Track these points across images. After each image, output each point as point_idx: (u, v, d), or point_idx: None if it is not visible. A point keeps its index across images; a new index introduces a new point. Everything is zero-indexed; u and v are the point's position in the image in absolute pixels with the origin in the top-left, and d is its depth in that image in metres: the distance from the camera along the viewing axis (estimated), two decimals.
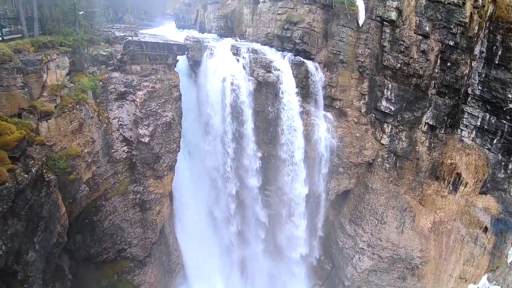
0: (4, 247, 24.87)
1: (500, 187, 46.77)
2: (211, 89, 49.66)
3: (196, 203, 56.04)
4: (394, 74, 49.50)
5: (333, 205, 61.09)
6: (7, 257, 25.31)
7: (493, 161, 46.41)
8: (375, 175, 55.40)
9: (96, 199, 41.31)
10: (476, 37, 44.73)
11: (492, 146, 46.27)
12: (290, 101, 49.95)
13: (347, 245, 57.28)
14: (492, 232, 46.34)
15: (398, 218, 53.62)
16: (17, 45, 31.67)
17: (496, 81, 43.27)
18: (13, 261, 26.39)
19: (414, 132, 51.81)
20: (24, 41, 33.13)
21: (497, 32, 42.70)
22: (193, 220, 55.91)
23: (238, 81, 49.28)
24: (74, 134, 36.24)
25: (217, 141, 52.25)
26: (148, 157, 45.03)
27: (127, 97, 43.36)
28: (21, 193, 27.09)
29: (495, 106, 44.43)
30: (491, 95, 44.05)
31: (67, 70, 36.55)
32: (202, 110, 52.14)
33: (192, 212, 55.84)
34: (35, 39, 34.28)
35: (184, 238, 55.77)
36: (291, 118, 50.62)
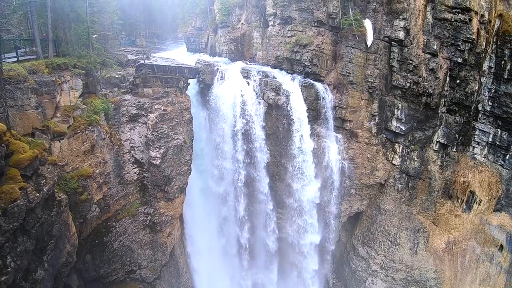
0: (13, 264, 24.77)
1: None
2: (222, 111, 50.17)
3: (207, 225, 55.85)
4: (403, 94, 49.49)
5: (345, 227, 60.20)
6: (15, 274, 25.19)
7: (506, 177, 45.49)
8: (387, 196, 54.65)
9: (106, 219, 41.43)
10: (484, 52, 44.72)
11: (505, 162, 45.46)
12: (300, 123, 50.17)
13: (359, 268, 56.07)
14: (508, 250, 45.03)
15: (412, 239, 52.47)
16: (32, 66, 32.43)
17: (506, 96, 42.86)
18: (22, 278, 26.27)
19: (426, 151, 51.29)
20: (39, 62, 33.98)
21: (504, 46, 42.59)
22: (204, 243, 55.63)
23: (248, 104, 49.85)
24: (86, 155, 36.69)
25: (227, 164, 52.35)
26: (159, 179, 45.23)
27: (139, 119, 44.01)
28: (32, 212, 27.21)
29: (506, 121, 43.89)
30: (502, 111, 43.59)
31: (80, 92, 37.33)
32: (213, 133, 52.46)
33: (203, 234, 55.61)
34: (49, 61, 35.17)
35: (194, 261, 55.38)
36: (302, 140, 50.67)
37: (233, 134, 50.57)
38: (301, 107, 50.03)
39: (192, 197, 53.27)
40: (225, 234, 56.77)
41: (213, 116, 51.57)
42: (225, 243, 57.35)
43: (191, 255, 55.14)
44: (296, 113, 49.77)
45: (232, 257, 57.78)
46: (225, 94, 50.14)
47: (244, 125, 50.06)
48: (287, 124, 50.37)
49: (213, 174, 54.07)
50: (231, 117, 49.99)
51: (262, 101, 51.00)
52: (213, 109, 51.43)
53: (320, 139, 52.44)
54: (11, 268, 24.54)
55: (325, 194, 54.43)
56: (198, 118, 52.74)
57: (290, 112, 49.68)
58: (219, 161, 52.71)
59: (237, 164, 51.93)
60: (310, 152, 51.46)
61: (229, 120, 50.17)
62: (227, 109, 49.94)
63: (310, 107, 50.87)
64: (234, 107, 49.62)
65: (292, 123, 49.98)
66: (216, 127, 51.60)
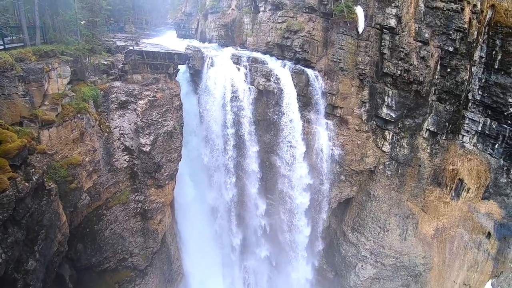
0: (4, 256, 24.56)
1: (502, 192, 46.57)
2: (212, 98, 49.81)
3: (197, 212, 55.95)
4: (394, 81, 49.62)
5: (335, 213, 60.81)
6: (7, 265, 25.01)
7: (495, 166, 46.25)
8: (377, 183, 55.20)
9: (97, 208, 41.12)
10: (475, 42, 44.93)
11: (493, 151, 46.19)
12: (290, 109, 50.02)
13: (349, 253, 56.87)
14: (496, 237, 46.08)
15: (401, 225, 53.29)
16: (19, 54, 31.69)
17: (496, 86, 43.29)
18: (13, 269, 26.10)
19: (416, 139, 51.77)
20: (26, 50, 33.21)
21: (496, 37, 42.86)
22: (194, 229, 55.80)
23: (238, 90, 49.50)
24: (75, 143, 36.18)
25: (217, 150, 52.22)
26: (149, 166, 44.94)
27: (128, 106, 43.40)
28: (22, 202, 26.92)
29: (496, 111, 44.43)
30: (492, 100, 44.05)
31: (69, 79, 36.61)
32: (203, 119, 52.15)
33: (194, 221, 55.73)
34: (36, 48, 34.39)
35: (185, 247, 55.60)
36: (292, 127, 50.60)
37: (223, 120, 50.28)
38: (292, 93, 49.79)
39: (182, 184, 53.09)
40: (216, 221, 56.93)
41: (203, 102, 51.15)
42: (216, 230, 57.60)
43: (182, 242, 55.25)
44: (286, 99, 49.58)
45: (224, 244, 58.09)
46: (215, 80, 49.66)
47: (234, 111, 49.75)
48: (278, 110, 50.17)
49: (203, 161, 53.91)
50: (221, 103, 49.61)
51: (252, 87, 50.70)
52: (203, 95, 50.98)
53: (311, 125, 52.53)
54: (2, 259, 24.39)
55: (315, 180, 54.73)
56: (188, 104, 52.27)
57: (281, 98, 49.47)
58: (209, 147, 52.47)
59: (227, 151, 51.78)
60: (300, 138, 51.49)
61: (219, 106, 49.80)
62: (217, 95, 49.53)
63: (300, 93, 50.70)
64: (224, 93, 49.23)
65: (283, 109, 49.81)
66: (206, 113, 51.23)
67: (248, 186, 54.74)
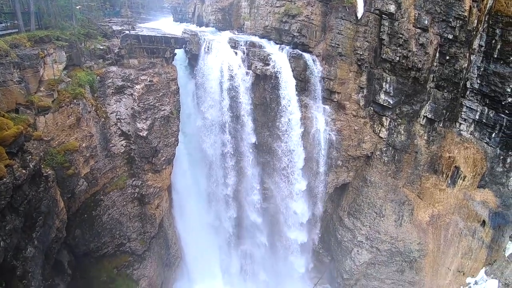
0: (2, 243, 24.67)
1: (498, 181, 46.91)
2: (209, 82, 49.46)
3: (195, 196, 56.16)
4: (392, 67, 49.39)
5: (331, 198, 61.20)
6: (5, 253, 25.16)
7: (491, 155, 46.44)
8: (374, 168, 55.45)
9: (94, 193, 41.18)
10: (475, 30, 44.54)
11: (490, 140, 46.28)
12: (288, 94, 49.80)
13: (345, 238, 57.46)
14: (490, 225, 46.57)
15: (397, 211, 53.75)
16: (14, 40, 31.40)
17: (495, 75, 43.11)
18: (12, 257, 26.30)
19: (413, 126, 51.82)
20: (21, 36, 32.88)
21: (496, 26, 42.46)
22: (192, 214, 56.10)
23: (236, 74, 49.13)
24: (72, 129, 36.05)
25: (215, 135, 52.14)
26: (146, 151, 44.88)
27: (125, 91, 43.10)
28: (19, 189, 26.93)
29: (493, 100, 44.34)
30: (490, 89, 43.94)
31: (64, 65, 36.35)
32: (200, 103, 51.93)
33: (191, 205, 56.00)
34: (31, 34, 34.01)
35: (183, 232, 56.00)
36: (289, 111, 50.45)
37: (220, 104, 50.01)
38: (289, 78, 49.54)
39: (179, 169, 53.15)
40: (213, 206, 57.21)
41: (200, 87, 50.81)
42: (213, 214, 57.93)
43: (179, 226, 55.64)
44: (284, 83, 49.31)
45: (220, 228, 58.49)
46: (212, 64, 49.18)
47: (232, 96, 49.52)
48: (275, 94, 49.95)
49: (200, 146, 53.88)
50: (218, 88, 49.29)
51: (249, 71, 50.28)
52: (200, 79, 50.58)
53: (308, 110, 52.43)
54: (1, 247, 24.52)
55: (312, 165, 54.95)
56: (185, 88, 51.96)
57: (278, 82, 49.20)
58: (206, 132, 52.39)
59: (224, 136, 51.70)
60: (297, 122, 51.47)
61: (216, 90, 49.50)
62: (214, 79, 49.15)
63: (298, 78, 50.48)
64: (221, 77, 48.83)
65: (280, 93, 49.60)
66: (203, 98, 50.95)
67: (246, 170, 54.77)
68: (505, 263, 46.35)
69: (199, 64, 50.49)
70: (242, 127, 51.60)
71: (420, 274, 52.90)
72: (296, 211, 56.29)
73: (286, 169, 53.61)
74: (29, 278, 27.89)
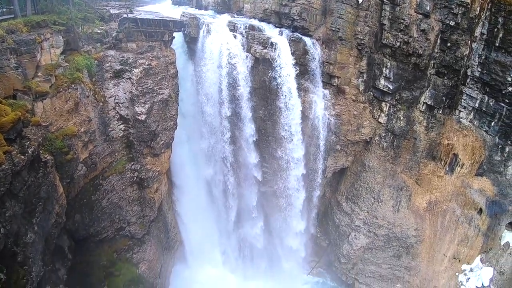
0: (3, 230, 24.77)
1: (496, 169, 47.03)
2: (208, 66, 49.07)
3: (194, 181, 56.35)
4: (393, 53, 49.05)
5: (330, 183, 61.50)
6: (6, 239, 25.26)
7: (490, 143, 46.45)
8: (372, 154, 55.57)
9: (93, 178, 41.31)
10: (477, 18, 43.87)
11: (489, 129, 46.22)
12: (287, 78, 49.53)
13: (343, 223, 57.98)
14: (487, 214, 46.90)
15: (394, 196, 54.10)
16: (10, 26, 31.12)
17: (496, 64, 42.71)
18: (13, 243, 26.38)
19: (412, 112, 51.68)
20: (17, 21, 32.59)
21: (498, 14, 41.77)
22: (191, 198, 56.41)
23: (235, 57, 48.71)
24: (70, 114, 35.99)
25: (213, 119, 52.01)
26: (144, 135, 44.86)
27: (123, 75, 42.85)
28: (18, 175, 26.98)
29: (494, 88, 44.06)
30: (491, 78, 43.60)
31: (62, 49, 36.06)
32: (199, 87, 51.64)
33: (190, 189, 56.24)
34: (28, 19, 33.69)
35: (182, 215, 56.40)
36: (289, 95, 50.25)
37: (219, 88, 49.71)
38: (289, 62, 49.21)
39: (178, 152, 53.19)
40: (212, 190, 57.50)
41: (199, 70, 50.43)
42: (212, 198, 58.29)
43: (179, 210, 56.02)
44: (283, 67, 48.97)
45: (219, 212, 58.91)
46: (211, 47, 48.72)
47: (231, 79, 49.21)
48: (274, 78, 49.57)
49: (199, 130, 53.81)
50: (217, 71, 48.93)
51: (249, 54, 49.86)
52: (199, 63, 50.18)
53: (307, 94, 52.30)
54: (1, 233, 24.60)
55: (311, 149, 55.04)
56: (184, 72, 51.54)
57: (277, 66, 48.80)
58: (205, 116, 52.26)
59: (223, 119, 51.57)
60: (296, 106, 51.32)
61: (215, 73, 49.16)
62: (213, 62, 48.76)
63: (297, 61, 50.16)
64: (220, 60, 48.43)
65: (279, 77, 49.24)
66: (202, 81, 50.64)
67: (244, 154, 54.86)
68: (501, 252, 46.88)
69: (198, 47, 50.03)
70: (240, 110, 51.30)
71: (417, 260, 53.57)
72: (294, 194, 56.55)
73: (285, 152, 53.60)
74: (30, 264, 28.06)
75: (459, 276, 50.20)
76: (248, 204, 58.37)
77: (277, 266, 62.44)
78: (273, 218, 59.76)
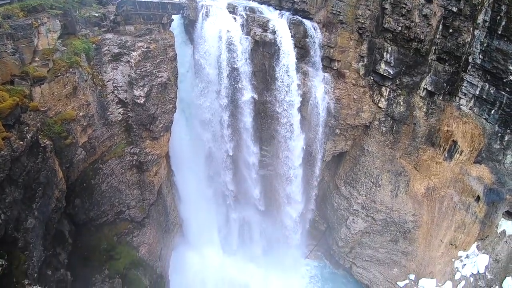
0: (3, 216, 24.95)
1: (494, 157, 47.24)
2: (207, 48, 48.68)
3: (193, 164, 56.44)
4: (394, 38, 48.66)
5: (328, 166, 61.74)
6: (6, 225, 25.47)
7: (489, 131, 46.50)
8: (372, 138, 55.60)
9: (93, 162, 41.30)
10: (480, 5, 43.43)
11: (489, 117, 46.28)
12: (287, 61, 49.34)
13: (341, 207, 58.41)
14: (484, 201, 47.31)
15: (393, 181, 54.37)
16: (6, 11, 30.71)
17: (497, 52, 42.44)
18: (13, 229, 26.59)
19: (412, 97, 51.54)
20: (13, 6, 32.07)
21: (502, 1, 41.35)
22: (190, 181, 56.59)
23: (234, 40, 48.30)
24: (69, 98, 35.77)
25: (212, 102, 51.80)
26: (143, 118, 44.70)
27: (122, 58, 42.37)
28: (17, 161, 27.06)
29: (495, 76, 43.91)
30: (492, 65, 43.37)
31: (59, 34, 35.55)
32: (197, 70, 51.27)
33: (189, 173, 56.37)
34: (24, 4, 33.11)
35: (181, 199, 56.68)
36: (288, 78, 50.14)
37: (218, 71, 49.45)
38: (289, 45, 48.92)
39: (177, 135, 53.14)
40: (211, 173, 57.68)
41: (198, 53, 50.01)
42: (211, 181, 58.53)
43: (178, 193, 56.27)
44: (283, 50, 48.72)
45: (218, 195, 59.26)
46: (210, 30, 48.22)
47: (230, 62, 48.88)
48: (274, 61, 49.42)
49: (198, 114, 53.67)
50: (216, 54, 48.55)
51: (248, 37, 49.39)
52: (198, 46, 49.72)
53: (307, 78, 52.17)
54: (2, 220, 24.79)
55: (310, 133, 55.04)
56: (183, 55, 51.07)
57: (277, 49, 48.59)
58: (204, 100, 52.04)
59: (222, 102, 51.46)
60: (296, 90, 51.27)
61: (214, 56, 48.79)
62: (213, 45, 48.33)
63: (298, 44, 49.86)
64: (219, 43, 48.01)
65: (279, 60, 49.11)
66: (201, 65, 50.28)
67: (243, 137, 55.02)
68: (497, 239, 47.52)
69: (197, 30, 49.51)
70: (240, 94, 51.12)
71: (414, 245, 54.28)
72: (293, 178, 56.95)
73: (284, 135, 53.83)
74: (31, 249, 28.35)
75: (455, 262, 51.12)
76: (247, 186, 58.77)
77: (276, 249, 63.17)
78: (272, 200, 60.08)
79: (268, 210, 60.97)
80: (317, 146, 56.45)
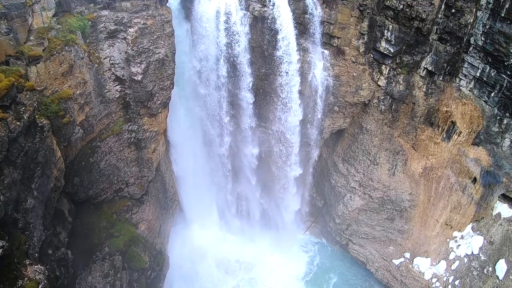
0: (2, 197, 25.19)
1: (493, 140, 47.26)
2: (205, 24, 47.98)
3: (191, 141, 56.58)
4: (395, 16, 47.77)
5: (327, 144, 61.86)
6: (6, 206, 25.81)
7: (488, 114, 46.36)
8: (370, 116, 55.40)
9: (91, 140, 41.42)
10: None
11: (489, 99, 46.03)
12: (286, 37, 48.76)
13: (339, 184, 58.83)
14: (481, 183, 47.66)
15: (391, 160, 54.55)
16: None
17: (500, 34, 41.80)
18: (13, 209, 27.01)
19: (412, 76, 51.01)
20: None
21: None
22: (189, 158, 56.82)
23: (233, 15, 47.62)
24: (65, 77, 35.67)
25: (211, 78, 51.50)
26: (141, 95, 44.57)
27: (118, 35, 41.89)
28: (15, 141, 27.23)
29: (496, 59, 43.41)
30: (494, 48, 42.80)
31: (54, 12, 35.17)
32: (195, 46, 50.67)
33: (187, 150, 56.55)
34: None
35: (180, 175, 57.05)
36: (288, 54, 49.70)
37: (216, 47, 48.92)
38: (288, 20, 48.17)
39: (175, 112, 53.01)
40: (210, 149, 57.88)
41: (196, 29, 49.38)
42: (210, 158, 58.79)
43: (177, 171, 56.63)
44: (282, 26, 48.04)
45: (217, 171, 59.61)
46: (208, 5, 47.43)
47: (228, 38, 48.31)
48: (273, 37, 48.81)
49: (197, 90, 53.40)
50: (214, 30, 47.93)
51: (247, 13, 48.65)
52: (196, 22, 48.96)
53: (306, 54, 51.68)
54: (1, 201, 25.02)
55: (309, 110, 54.98)
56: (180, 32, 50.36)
57: (276, 25, 47.89)
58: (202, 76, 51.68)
59: (220, 79, 51.18)
60: (295, 66, 50.90)
61: (212, 32, 48.17)
62: (211, 21, 47.62)
63: (297, 20, 49.13)
64: (217, 18, 47.31)
65: (278, 36, 48.50)
66: (199, 40, 49.71)
67: (242, 113, 55.02)
68: (492, 222, 48.15)
69: (195, 5, 48.62)
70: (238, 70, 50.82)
71: (410, 224, 54.95)
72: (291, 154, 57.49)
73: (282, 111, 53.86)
74: (31, 229, 28.87)
75: (450, 242, 51.99)
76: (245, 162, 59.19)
77: (274, 224, 64.03)
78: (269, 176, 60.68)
79: (266, 184, 61.51)
80: (316, 122, 56.43)
